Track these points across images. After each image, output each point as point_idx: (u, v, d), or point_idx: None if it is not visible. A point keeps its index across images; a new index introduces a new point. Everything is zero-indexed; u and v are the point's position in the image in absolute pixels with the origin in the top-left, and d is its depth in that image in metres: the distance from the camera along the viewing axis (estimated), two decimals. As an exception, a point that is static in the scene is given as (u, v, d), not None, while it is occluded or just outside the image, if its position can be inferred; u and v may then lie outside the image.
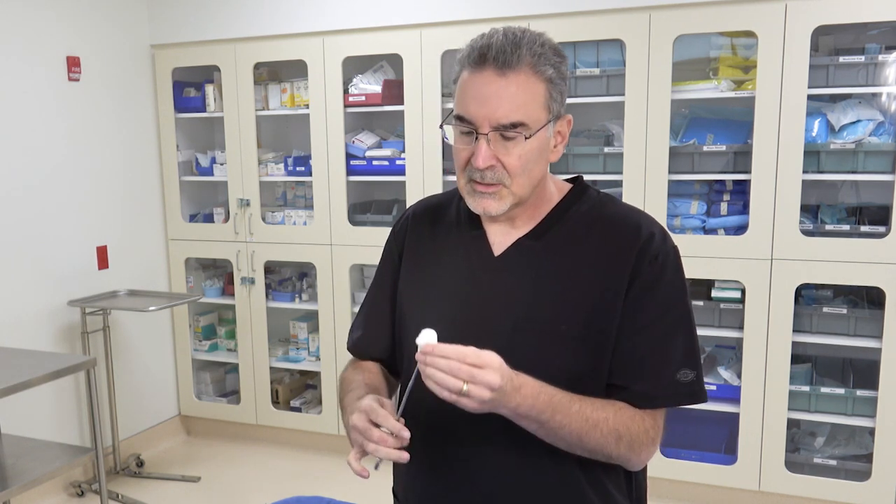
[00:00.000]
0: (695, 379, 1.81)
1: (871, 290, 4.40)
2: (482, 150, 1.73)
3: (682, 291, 1.84)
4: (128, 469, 5.31)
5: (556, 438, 1.69)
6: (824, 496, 4.46)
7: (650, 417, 1.79)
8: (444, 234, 1.98)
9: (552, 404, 1.64)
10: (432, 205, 2.06)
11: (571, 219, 1.89)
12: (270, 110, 5.42)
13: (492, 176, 1.76)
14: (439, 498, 1.89)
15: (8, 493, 3.77)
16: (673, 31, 4.35)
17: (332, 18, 5.04)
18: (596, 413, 1.70)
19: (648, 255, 1.80)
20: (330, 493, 2.11)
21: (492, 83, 1.72)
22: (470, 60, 1.76)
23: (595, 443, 1.70)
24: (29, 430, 4.57)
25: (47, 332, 4.92)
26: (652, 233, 1.84)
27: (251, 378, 5.70)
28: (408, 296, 1.95)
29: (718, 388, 4.64)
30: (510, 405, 1.59)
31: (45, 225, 4.87)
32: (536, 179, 1.83)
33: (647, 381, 1.78)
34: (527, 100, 1.74)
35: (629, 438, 1.74)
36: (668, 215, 4.55)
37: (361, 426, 1.68)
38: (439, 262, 1.94)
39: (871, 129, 4.24)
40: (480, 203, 1.81)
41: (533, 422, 1.64)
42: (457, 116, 1.78)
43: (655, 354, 1.79)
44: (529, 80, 1.74)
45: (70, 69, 4.98)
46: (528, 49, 1.74)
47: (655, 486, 4.69)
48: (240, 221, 5.50)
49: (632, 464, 1.81)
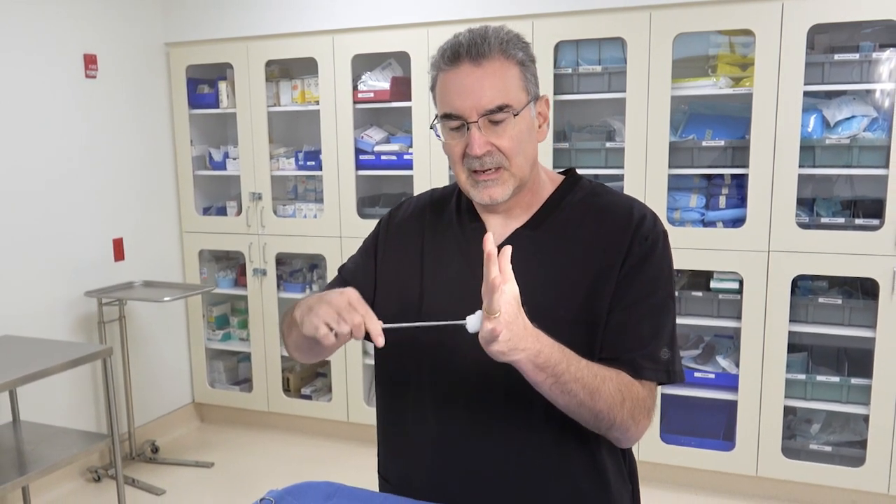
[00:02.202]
0: (671, 359, 1.81)
1: (865, 281, 4.39)
2: (476, 138, 1.75)
3: (670, 273, 1.86)
4: (143, 455, 5.32)
5: (569, 396, 1.66)
6: (820, 481, 4.46)
7: (645, 388, 1.78)
8: (444, 227, 1.97)
9: (566, 355, 1.63)
10: (435, 199, 2.05)
11: (566, 208, 1.90)
12: (282, 106, 5.42)
13: (490, 161, 1.77)
14: (442, 478, 1.89)
15: (27, 478, 3.78)
16: (673, 30, 4.34)
17: (342, 17, 5.04)
18: (602, 371, 1.70)
19: (640, 236, 1.81)
20: (339, 478, 2.10)
21: (470, 74, 1.75)
22: (445, 60, 1.79)
23: (604, 402, 1.68)
24: (47, 418, 4.59)
25: (65, 322, 4.93)
26: (644, 215, 1.86)
27: (263, 366, 5.71)
28: (410, 287, 1.94)
29: (717, 377, 4.63)
30: (531, 349, 1.56)
31: (63, 218, 4.88)
32: (531, 159, 1.84)
33: (635, 352, 1.78)
34: (505, 83, 1.76)
35: (631, 402, 1.72)
36: (668, 208, 4.54)
37: (342, 304, 1.65)
38: (440, 255, 1.94)
39: (865, 124, 4.23)
40: (485, 192, 1.81)
41: (550, 374, 1.61)
42: (444, 115, 1.80)
43: (643, 328, 1.80)
44: (503, 65, 1.76)
45: (87, 67, 4.98)
46: (496, 38, 1.77)
47: (656, 471, 4.71)
48: (252, 214, 5.50)
49: (630, 434, 1.79)
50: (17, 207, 4.59)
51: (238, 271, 5.89)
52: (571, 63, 4.67)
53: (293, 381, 5.77)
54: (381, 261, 2.02)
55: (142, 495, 4.83)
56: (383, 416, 2.05)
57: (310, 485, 1.94)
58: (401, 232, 2.02)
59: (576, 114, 5.02)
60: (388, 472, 2.05)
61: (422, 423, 1.90)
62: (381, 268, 2.01)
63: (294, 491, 1.91)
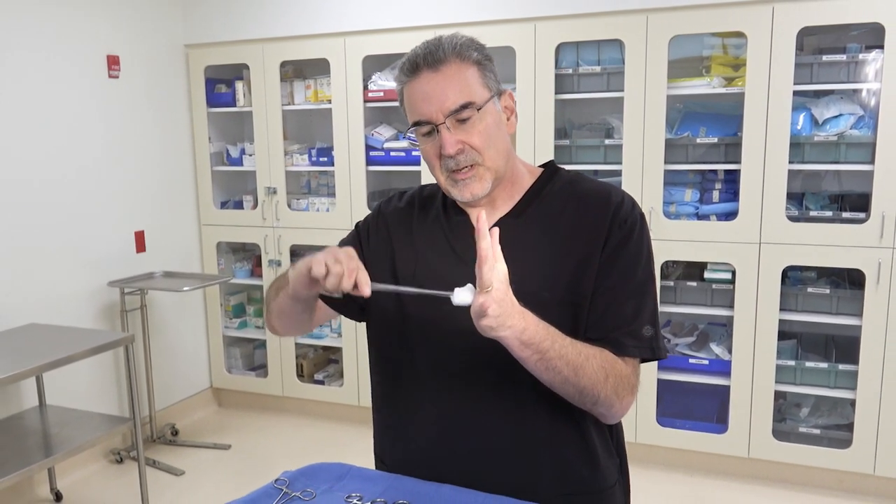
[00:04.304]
0: (654, 335, 1.82)
1: (852, 271, 4.39)
2: (446, 138, 1.77)
3: (649, 254, 1.86)
4: (163, 437, 5.34)
5: (553, 373, 1.66)
6: (809, 462, 4.46)
7: (628, 365, 1.79)
8: (431, 221, 1.98)
9: (550, 333, 1.63)
10: (424, 195, 2.06)
11: (547, 197, 1.90)
12: (296, 105, 5.43)
13: (465, 159, 1.79)
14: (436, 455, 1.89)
15: (53, 459, 3.81)
16: (668, 32, 4.33)
17: (353, 20, 5.04)
18: (586, 349, 1.70)
19: (619, 220, 1.82)
20: (350, 459, 2.11)
21: (430, 80, 1.77)
22: (405, 72, 1.81)
23: (588, 378, 1.69)
24: (72, 402, 4.61)
25: (89, 311, 4.94)
26: (621, 200, 1.86)
27: (278, 353, 5.72)
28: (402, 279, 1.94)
29: (710, 363, 4.64)
30: (517, 326, 1.57)
31: (88, 212, 4.89)
32: (504, 151, 1.85)
33: (619, 331, 1.79)
34: (465, 83, 1.78)
35: (615, 379, 1.73)
36: (664, 202, 4.54)
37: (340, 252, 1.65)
38: (429, 247, 1.94)
39: (851, 122, 4.23)
40: (466, 190, 1.82)
41: (535, 351, 1.62)
42: (414, 123, 1.83)
43: (626, 308, 1.80)
44: (460, 67, 1.78)
45: (110, 67, 4.99)
46: (450, 44, 1.79)
47: (652, 453, 4.72)
48: (267, 208, 5.51)
49: (614, 410, 1.79)
50: (43, 202, 4.60)
51: (254, 262, 5.91)
52: (572, 64, 4.67)
53: (306, 366, 5.78)
54: (371, 246, 2.02)
55: (162, 475, 4.85)
56: (378, 400, 2.06)
57: (322, 466, 1.95)
58: (390, 224, 2.02)
59: (576, 112, 5.02)
60: (384, 453, 2.05)
61: (415, 404, 1.91)
62: (372, 251, 2.01)
63: (307, 472, 1.92)
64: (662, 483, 4.63)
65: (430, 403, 1.89)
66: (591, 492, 1.90)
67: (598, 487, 1.91)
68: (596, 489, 1.91)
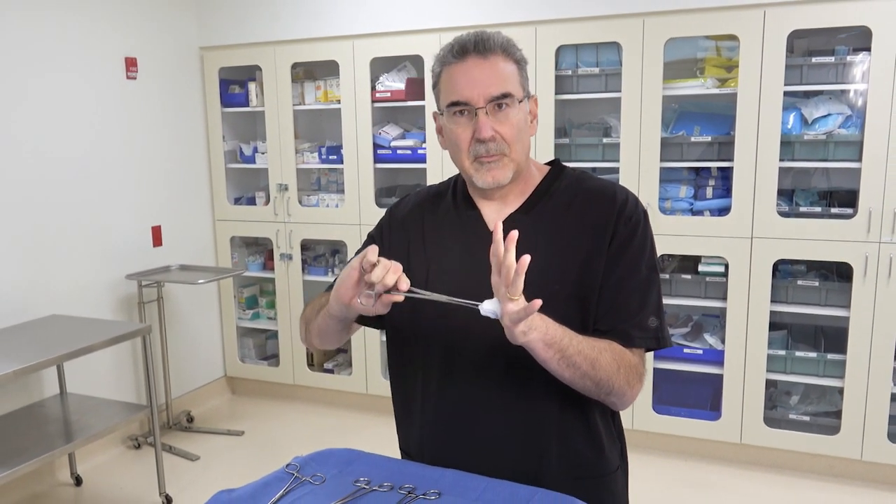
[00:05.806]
0: (659, 326, 1.84)
1: (841, 265, 4.39)
2: (484, 122, 1.78)
3: (652, 249, 1.88)
4: (179, 424, 5.36)
5: (573, 369, 1.68)
6: (798, 448, 4.47)
7: (636, 355, 1.81)
8: (442, 216, 1.99)
9: (567, 332, 1.65)
10: (432, 193, 2.07)
11: (555, 194, 1.91)
12: (306, 105, 5.43)
13: (494, 147, 1.80)
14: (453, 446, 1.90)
15: (73, 445, 3.83)
16: (664, 35, 4.33)
17: (362, 23, 5.04)
18: (597, 342, 1.72)
19: (624, 218, 1.83)
20: (358, 445, 2.12)
21: (477, 66, 1.78)
22: (452, 55, 1.81)
23: (603, 371, 1.71)
24: (91, 390, 4.64)
25: (108, 303, 4.96)
26: (626, 198, 1.88)
27: (289, 343, 5.73)
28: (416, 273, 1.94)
29: (704, 353, 4.65)
30: (541, 328, 1.59)
31: (107, 207, 4.91)
32: (527, 149, 1.87)
33: (626, 323, 1.80)
34: (507, 75, 1.79)
35: (626, 369, 1.75)
36: (660, 198, 4.54)
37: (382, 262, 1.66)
38: (441, 242, 1.95)
39: (840, 121, 4.23)
40: (490, 174, 1.82)
41: (557, 350, 1.63)
42: (452, 103, 1.82)
43: (632, 301, 1.82)
44: (505, 61, 1.80)
45: (128, 69, 5.00)
46: (497, 39, 1.81)
47: (648, 439, 4.73)
48: (279, 204, 5.52)
49: (625, 398, 1.81)
50: (64, 199, 4.62)
51: (266, 256, 5.92)
52: (571, 65, 4.68)
53: (317, 356, 5.80)
54: (388, 250, 2.01)
55: (178, 461, 4.87)
56: (396, 394, 2.06)
57: (332, 451, 1.96)
58: (403, 226, 2.03)
59: (575, 112, 5.02)
60: (408, 446, 2.06)
61: (432, 399, 1.92)
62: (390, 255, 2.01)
63: (317, 457, 1.93)
64: (658, 468, 4.64)
65: (446, 400, 1.90)
66: (595, 476, 1.92)
67: (602, 472, 1.93)
68: (600, 473, 1.92)
